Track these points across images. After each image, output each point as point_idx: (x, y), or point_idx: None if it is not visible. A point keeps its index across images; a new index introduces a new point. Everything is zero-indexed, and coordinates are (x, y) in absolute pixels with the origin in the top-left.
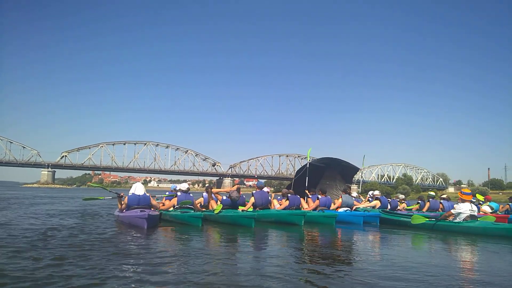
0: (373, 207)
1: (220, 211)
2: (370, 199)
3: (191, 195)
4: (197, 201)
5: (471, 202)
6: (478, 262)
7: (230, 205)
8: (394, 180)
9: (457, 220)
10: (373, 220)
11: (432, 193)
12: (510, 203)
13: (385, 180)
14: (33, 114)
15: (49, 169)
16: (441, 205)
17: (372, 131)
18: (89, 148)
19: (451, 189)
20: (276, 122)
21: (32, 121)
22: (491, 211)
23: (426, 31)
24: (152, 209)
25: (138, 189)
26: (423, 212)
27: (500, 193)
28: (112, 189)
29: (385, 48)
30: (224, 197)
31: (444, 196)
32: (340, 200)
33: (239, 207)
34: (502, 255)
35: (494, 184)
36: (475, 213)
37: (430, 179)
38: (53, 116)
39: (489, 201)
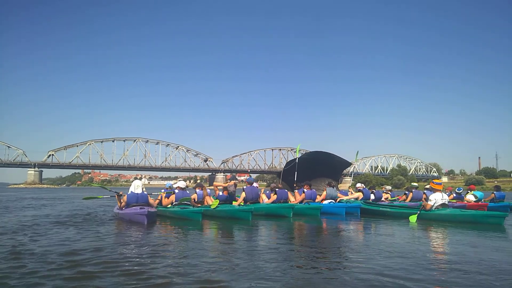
0: (356, 198)
1: (216, 206)
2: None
3: (187, 191)
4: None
5: (441, 191)
6: (445, 243)
7: (225, 200)
8: (388, 171)
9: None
10: (354, 211)
11: (415, 184)
12: (495, 192)
13: (379, 171)
14: (18, 113)
15: (36, 169)
16: (424, 195)
17: (364, 123)
18: (77, 146)
19: (444, 179)
20: (268, 117)
21: (17, 120)
22: (475, 199)
23: (418, 23)
24: (150, 206)
25: (137, 187)
26: (405, 202)
27: (495, 182)
28: (112, 188)
29: (377, 41)
30: (220, 193)
31: (427, 186)
32: (324, 193)
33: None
34: (467, 237)
35: (487, 173)
36: (446, 202)
37: (424, 169)
38: (39, 115)
39: (473, 191)
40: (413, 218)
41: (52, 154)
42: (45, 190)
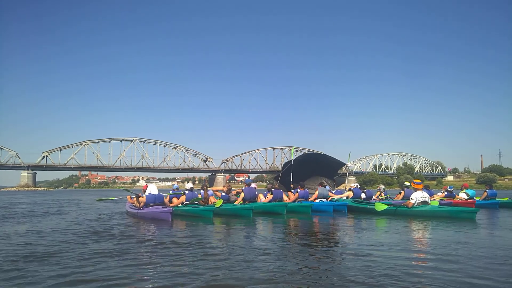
0: (347, 197)
1: (220, 205)
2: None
3: (196, 192)
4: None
5: (422, 190)
6: (416, 234)
7: (227, 200)
8: (393, 170)
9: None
10: (341, 209)
11: (407, 183)
12: (487, 190)
13: (383, 170)
14: (11, 114)
15: (29, 171)
16: None
17: (366, 123)
18: (72, 147)
19: (450, 177)
20: (270, 117)
21: (10, 120)
22: (466, 197)
23: (416, 22)
24: (165, 205)
25: (153, 189)
26: (392, 200)
27: (506, 179)
28: (133, 190)
29: (378, 42)
30: (223, 193)
31: None
32: (316, 192)
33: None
34: (437, 230)
35: (493, 171)
36: (426, 199)
37: (429, 167)
38: (32, 115)
39: (466, 189)
40: (378, 207)
41: (46, 156)
42: (39, 193)
